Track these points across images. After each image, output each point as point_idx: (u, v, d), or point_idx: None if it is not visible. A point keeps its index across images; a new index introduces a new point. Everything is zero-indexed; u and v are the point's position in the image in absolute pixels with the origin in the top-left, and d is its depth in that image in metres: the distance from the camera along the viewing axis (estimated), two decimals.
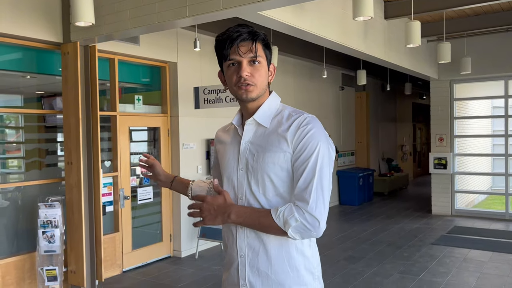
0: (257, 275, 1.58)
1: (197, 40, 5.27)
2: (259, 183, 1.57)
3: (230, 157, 1.68)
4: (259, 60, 1.58)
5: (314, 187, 1.49)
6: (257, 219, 1.53)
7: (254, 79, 1.57)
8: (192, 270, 5.78)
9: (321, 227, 1.49)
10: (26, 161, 5.30)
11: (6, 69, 4.93)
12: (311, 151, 1.51)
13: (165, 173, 2.06)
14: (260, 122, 1.62)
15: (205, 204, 1.57)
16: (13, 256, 4.60)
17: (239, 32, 1.56)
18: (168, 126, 6.39)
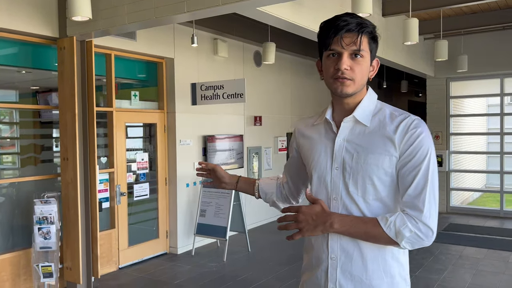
0: (349, 279, 1.50)
1: (194, 36, 5.25)
2: (358, 185, 1.48)
3: (321, 154, 1.57)
4: (362, 54, 1.45)
5: (427, 195, 1.40)
6: (363, 229, 1.43)
7: (353, 73, 1.45)
8: (189, 266, 5.76)
9: (434, 236, 1.41)
10: (21, 157, 5.26)
11: (1, 64, 4.87)
12: (423, 157, 1.42)
13: (229, 175, 1.97)
14: (360, 120, 1.51)
15: (301, 215, 1.48)
16: (8, 253, 4.57)
17: (346, 22, 1.44)
18: (165, 122, 6.36)
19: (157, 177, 6.28)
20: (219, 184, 1.98)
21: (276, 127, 8.50)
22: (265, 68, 8.07)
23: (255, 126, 7.89)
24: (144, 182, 6.09)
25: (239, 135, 7.48)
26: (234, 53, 7.34)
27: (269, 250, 6.49)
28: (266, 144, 8.24)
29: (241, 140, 7.49)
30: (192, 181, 6.60)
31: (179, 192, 6.38)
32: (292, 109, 9.00)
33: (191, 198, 6.58)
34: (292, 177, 1.87)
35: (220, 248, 6.51)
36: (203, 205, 6.36)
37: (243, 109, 7.60)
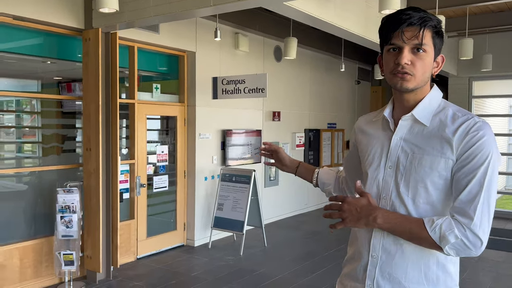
0: (387, 280, 1.47)
1: (217, 30, 5.25)
2: (409, 186, 1.43)
3: (377, 152, 1.55)
4: (425, 48, 1.41)
5: (480, 202, 1.33)
6: (408, 228, 1.39)
7: (413, 68, 1.41)
8: (206, 259, 5.80)
9: (483, 247, 1.34)
10: (45, 146, 5.35)
11: (27, 53, 4.95)
12: (481, 161, 1.35)
13: (290, 159, 2.00)
14: (418, 119, 1.46)
15: (347, 205, 1.45)
16: (31, 240, 4.66)
17: (409, 15, 1.40)
18: (185, 116, 6.39)
19: (176, 170, 6.32)
20: (280, 166, 2.01)
21: (295, 123, 8.48)
22: (285, 63, 8.04)
23: (274, 121, 7.88)
24: (163, 174, 6.14)
25: (257, 130, 7.48)
26: (255, 48, 7.32)
27: (285, 246, 6.49)
28: (284, 139, 8.23)
29: (259, 135, 7.49)
30: (211, 174, 6.63)
31: (197, 185, 6.42)
32: (311, 105, 8.96)
33: (209, 192, 6.62)
34: (350, 172, 1.86)
35: (236, 242, 6.54)
36: (220, 199, 6.39)
37: (262, 104, 7.59)
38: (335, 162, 9.82)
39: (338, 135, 9.90)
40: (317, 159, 9.13)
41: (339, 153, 9.99)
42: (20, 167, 5.18)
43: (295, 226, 7.69)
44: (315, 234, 7.15)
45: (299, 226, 7.73)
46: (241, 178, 6.30)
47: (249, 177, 6.24)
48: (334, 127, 9.76)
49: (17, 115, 5.68)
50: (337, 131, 9.85)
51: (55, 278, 4.77)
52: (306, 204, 8.93)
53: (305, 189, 8.87)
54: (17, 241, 4.56)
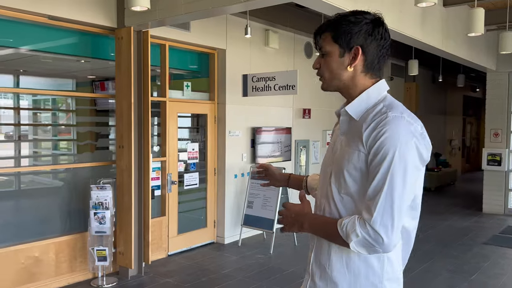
0: (317, 266, 1.56)
1: (248, 27, 5.21)
2: (336, 177, 1.51)
3: (330, 146, 1.65)
4: (325, 51, 1.54)
5: (382, 198, 1.36)
6: (326, 230, 1.50)
7: (321, 71, 1.57)
8: (236, 257, 5.79)
9: (386, 244, 1.36)
10: (79, 143, 5.46)
11: (62, 53, 5.06)
12: (383, 158, 1.37)
13: (281, 173, 2.06)
14: (350, 113, 1.53)
15: (285, 211, 1.59)
16: (66, 235, 4.76)
17: (317, 28, 1.58)
18: (215, 113, 6.39)
19: (207, 167, 6.34)
20: (273, 182, 2.07)
21: (325, 120, 8.35)
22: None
23: (304, 119, 7.79)
24: (194, 172, 6.17)
25: (287, 127, 7.41)
26: (285, 44, 7.25)
27: None
28: (314, 137, 8.12)
29: (289, 132, 7.42)
30: (240, 172, 6.61)
31: (227, 183, 6.41)
32: (341, 102, 8.78)
33: (239, 189, 6.60)
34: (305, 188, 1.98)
35: (266, 240, 6.50)
36: (250, 197, 6.36)
37: (292, 101, 7.51)
38: None
39: None
40: None
41: None
42: (56, 164, 5.32)
43: None
44: None
45: None
46: None
47: None
48: None
49: (53, 113, 5.84)
50: None
51: (89, 273, 4.86)
52: None
53: None
54: (53, 236, 4.68)
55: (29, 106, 5.84)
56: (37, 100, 5.97)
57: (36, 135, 6.13)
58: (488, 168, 8.86)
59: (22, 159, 5.75)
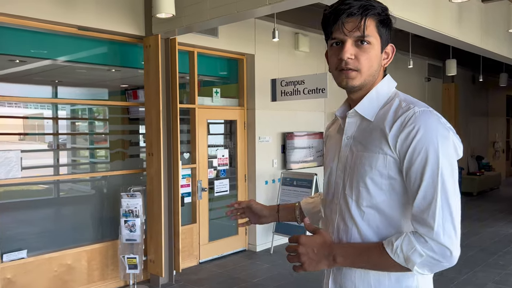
0: None
1: (275, 30, 5.12)
2: (353, 187, 1.30)
3: (331, 153, 1.44)
4: (369, 40, 1.27)
5: (439, 206, 1.16)
6: (368, 258, 1.25)
7: (358, 63, 1.27)
8: (268, 265, 5.67)
9: (454, 256, 1.17)
10: (111, 151, 5.52)
11: (93, 62, 5.13)
12: (425, 160, 1.18)
13: (266, 207, 1.77)
14: (362, 114, 1.33)
15: (302, 247, 1.30)
16: (98, 243, 4.80)
17: (348, 5, 1.25)
18: (245, 119, 6.33)
19: (237, 174, 6.27)
20: (257, 220, 1.77)
21: None
22: None
23: None
24: (224, 178, 6.11)
25: (319, 132, 7.24)
26: (316, 47, 7.11)
27: None
28: None
29: (321, 137, 7.25)
30: (271, 178, 6.50)
31: (258, 189, 6.32)
32: None
33: (270, 196, 6.49)
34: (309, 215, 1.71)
35: None
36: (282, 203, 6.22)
37: (324, 105, 7.35)
38: None
39: None
40: None
41: None
42: (88, 172, 5.39)
43: None
44: None
45: None
46: (302, 182, 6.12)
47: (310, 181, 6.04)
48: None
49: (89, 123, 5.94)
50: None
51: (120, 281, 4.88)
52: None
53: None
54: (86, 244, 4.72)
55: (64, 116, 5.98)
56: (73, 109, 6.10)
57: (72, 144, 6.27)
58: None
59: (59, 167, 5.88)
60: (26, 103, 5.07)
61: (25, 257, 4.23)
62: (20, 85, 5.94)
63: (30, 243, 4.39)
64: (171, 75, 4.86)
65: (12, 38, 4.31)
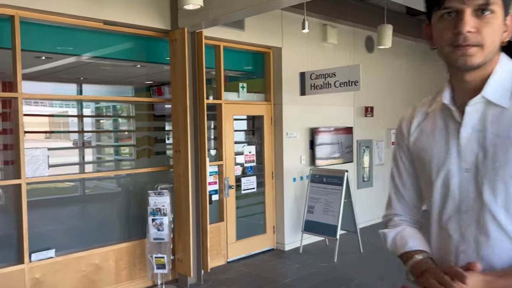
0: None
1: (305, 21, 4.92)
2: (497, 190, 1.07)
3: (442, 152, 1.17)
4: (493, 8, 1.04)
5: None
6: None
7: (481, 37, 1.05)
8: (297, 265, 5.50)
9: None
10: (137, 149, 5.44)
11: (118, 58, 5.04)
12: None
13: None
14: (493, 101, 1.09)
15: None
16: (125, 242, 4.71)
17: None
18: (272, 115, 6.15)
19: (264, 171, 6.11)
20: None
21: (389, 118, 7.85)
22: (377, 54, 7.46)
23: (366, 117, 7.35)
24: (251, 175, 5.96)
25: (348, 127, 7.01)
26: (344, 39, 6.87)
27: (383, 253, 5.93)
28: (378, 137, 7.65)
29: (350, 132, 7.02)
30: (299, 175, 6.31)
31: (285, 187, 6.14)
32: (407, 99, 8.25)
33: (298, 193, 6.31)
34: (409, 195, 1.36)
35: (329, 247, 6.15)
36: (311, 201, 6.05)
37: (353, 99, 7.10)
38: None
39: None
40: None
41: None
42: (114, 170, 5.32)
43: None
44: None
45: None
46: (332, 179, 5.91)
47: (341, 178, 5.82)
48: None
49: (114, 120, 5.87)
50: None
51: (148, 281, 4.78)
52: None
53: None
54: (113, 243, 4.64)
55: (89, 114, 5.92)
56: (98, 107, 6.05)
57: (98, 141, 6.23)
58: None
59: (85, 165, 5.85)
60: (51, 101, 5.02)
61: (53, 257, 4.17)
62: (45, 83, 5.92)
63: (58, 242, 4.33)
64: (198, 70, 4.71)
65: (38, 34, 4.24)
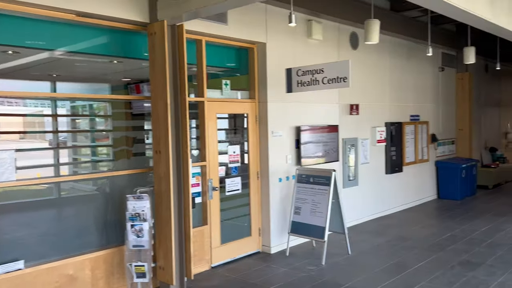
0: None
1: (292, 14, 4.69)
2: None
3: None
4: None
5: None
6: None
7: None
8: (284, 269, 5.28)
9: None
10: (114, 150, 5.12)
11: (93, 53, 4.71)
12: None
13: None
14: None
15: None
16: (102, 250, 4.41)
17: None
18: (256, 113, 5.91)
19: (249, 171, 5.87)
20: None
21: (374, 116, 7.72)
22: (362, 51, 7.31)
23: (351, 115, 7.18)
24: (235, 176, 5.71)
25: (334, 125, 6.83)
26: (329, 35, 6.68)
27: (371, 254, 5.80)
28: (363, 135, 7.50)
29: (335, 130, 6.84)
30: (285, 175, 6.10)
31: (271, 187, 5.91)
32: (391, 96, 8.14)
33: (284, 194, 6.09)
34: None
35: (316, 249, 5.96)
36: (297, 202, 5.84)
37: (338, 97, 6.93)
38: (419, 158, 8.90)
39: (422, 128, 8.96)
40: (400, 155, 8.28)
41: (423, 148, 9.04)
42: (89, 173, 4.98)
43: (380, 231, 6.95)
44: (403, 240, 6.38)
45: (384, 230, 6.98)
46: (319, 179, 5.71)
47: (328, 178, 5.63)
48: (417, 119, 8.83)
49: (90, 119, 5.53)
50: (421, 123, 8.92)
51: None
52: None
53: (388, 189, 8.07)
54: (89, 251, 4.33)
55: (63, 113, 5.56)
56: (73, 106, 5.70)
57: (73, 142, 5.86)
58: None
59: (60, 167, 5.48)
60: (23, 99, 4.66)
61: (22, 268, 3.83)
62: (15, 80, 5.52)
63: (28, 252, 3.98)
64: (179, 65, 4.43)
65: (4, 26, 3.89)
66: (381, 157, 7.94)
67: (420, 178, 9.03)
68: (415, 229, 7.02)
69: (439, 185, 9.56)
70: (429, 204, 9.07)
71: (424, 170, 9.18)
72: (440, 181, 9.53)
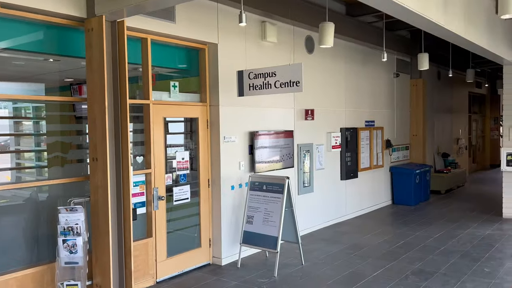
0: None
1: (242, 13, 4.43)
2: None
3: None
4: None
5: None
6: None
7: None
8: (235, 282, 5.00)
9: None
10: (48, 156, 4.67)
11: (24, 50, 4.28)
12: None
13: None
14: None
15: None
16: (31, 267, 3.97)
17: None
18: (207, 117, 5.62)
19: (199, 179, 5.55)
20: None
21: (330, 122, 7.61)
22: (317, 56, 7.18)
23: (307, 120, 7.03)
24: (184, 184, 5.38)
25: (289, 130, 6.64)
26: (284, 38, 6.49)
27: (326, 264, 5.62)
28: (319, 141, 7.36)
29: (291, 136, 6.65)
30: (238, 183, 5.83)
31: (223, 195, 5.63)
32: (346, 102, 8.06)
33: (237, 202, 5.82)
34: None
35: (269, 260, 5.72)
36: (250, 211, 5.59)
37: (293, 101, 6.75)
38: (374, 164, 8.88)
39: (377, 133, 8.95)
40: (355, 161, 8.22)
41: (378, 153, 9.04)
42: (17, 182, 4.49)
43: (334, 238, 6.81)
44: (357, 248, 6.26)
45: (338, 238, 6.84)
46: (273, 186, 5.49)
47: (282, 186, 5.41)
48: (372, 125, 8.82)
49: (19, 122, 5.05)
50: (375, 129, 8.91)
51: None
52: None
53: (343, 195, 7.97)
54: (15, 269, 3.88)
55: None
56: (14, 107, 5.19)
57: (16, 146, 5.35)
58: (508, 169, 8.12)
59: None
60: None
61: None
62: None
63: None
64: (119, 65, 4.08)
65: None
66: (337, 163, 7.83)
67: (375, 183, 9.02)
68: (370, 236, 6.93)
69: (393, 191, 9.60)
70: (384, 209, 9.07)
71: (379, 176, 9.18)
72: (394, 187, 9.57)
